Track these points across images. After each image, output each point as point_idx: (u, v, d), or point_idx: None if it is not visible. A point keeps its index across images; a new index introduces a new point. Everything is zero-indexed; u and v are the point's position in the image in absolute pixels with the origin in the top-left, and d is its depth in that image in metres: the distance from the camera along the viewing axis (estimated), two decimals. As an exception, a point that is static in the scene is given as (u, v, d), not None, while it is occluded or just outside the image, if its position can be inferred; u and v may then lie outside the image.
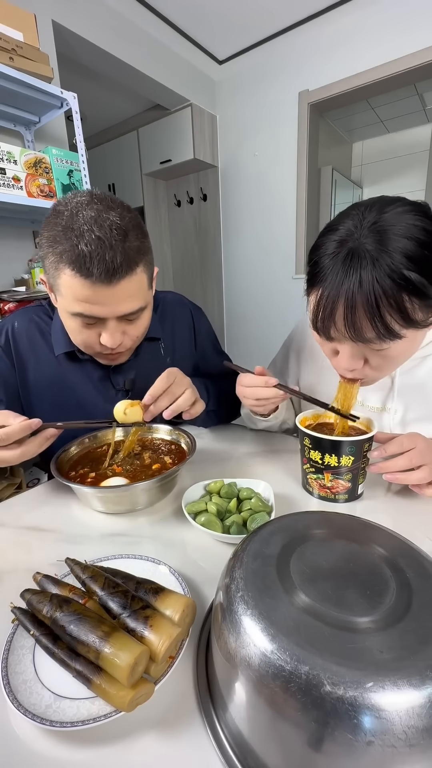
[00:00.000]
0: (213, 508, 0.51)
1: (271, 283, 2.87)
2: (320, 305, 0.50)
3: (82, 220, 0.54)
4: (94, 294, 0.56)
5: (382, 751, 0.21)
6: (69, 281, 0.56)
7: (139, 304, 0.62)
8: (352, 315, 0.47)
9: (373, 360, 0.54)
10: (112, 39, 2.02)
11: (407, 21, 1.99)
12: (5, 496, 0.71)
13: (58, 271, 0.56)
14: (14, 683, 0.30)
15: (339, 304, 0.47)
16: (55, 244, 0.55)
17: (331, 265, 0.48)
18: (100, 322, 0.61)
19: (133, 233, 0.58)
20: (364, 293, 0.45)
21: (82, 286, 0.55)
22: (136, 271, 0.59)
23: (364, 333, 0.48)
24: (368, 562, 0.31)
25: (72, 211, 0.55)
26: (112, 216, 0.56)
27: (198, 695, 0.31)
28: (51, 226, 0.56)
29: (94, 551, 0.48)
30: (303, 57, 2.35)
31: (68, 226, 0.54)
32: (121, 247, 0.55)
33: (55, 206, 0.58)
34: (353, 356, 0.53)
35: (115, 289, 0.57)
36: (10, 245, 1.72)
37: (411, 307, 0.46)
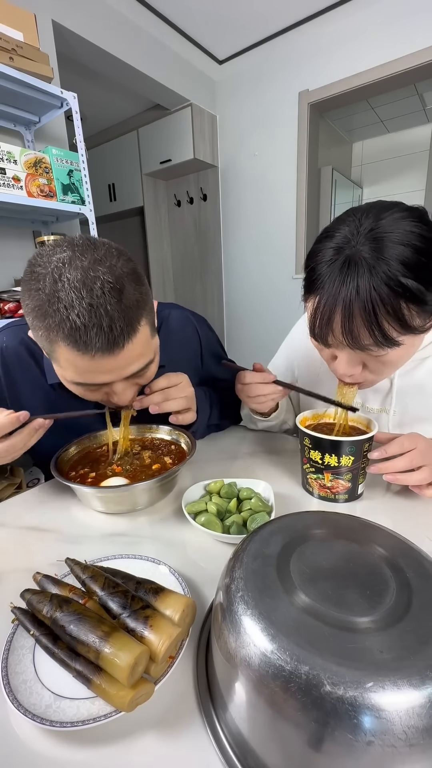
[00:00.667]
0: (213, 508, 0.51)
1: (270, 283, 2.87)
2: (317, 313, 0.50)
3: (68, 285, 0.46)
4: (97, 366, 0.50)
5: (382, 751, 0.21)
6: (66, 354, 0.49)
7: (146, 360, 0.56)
8: (350, 323, 0.47)
9: (371, 365, 0.54)
10: (112, 39, 2.02)
11: (407, 21, 2.00)
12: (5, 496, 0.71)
13: (52, 345, 0.50)
14: (14, 683, 0.30)
15: (336, 312, 0.48)
16: (42, 316, 0.48)
17: (328, 272, 0.48)
18: (106, 384, 0.55)
19: (129, 286, 0.49)
20: (361, 301, 0.45)
21: (81, 359, 0.49)
22: (138, 329, 0.51)
23: (362, 340, 0.48)
24: (368, 562, 0.31)
25: (53, 274, 0.46)
26: (101, 273, 0.47)
27: (198, 695, 0.31)
28: (32, 293, 0.48)
29: (94, 551, 0.48)
30: (303, 57, 2.35)
31: (53, 294, 0.46)
32: (118, 310, 0.47)
33: (32, 266, 0.49)
34: (351, 362, 0.54)
35: (119, 356, 0.50)
36: (10, 245, 1.72)
37: (408, 313, 0.46)
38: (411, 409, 0.68)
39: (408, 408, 0.69)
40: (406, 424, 0.69)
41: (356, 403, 0.71)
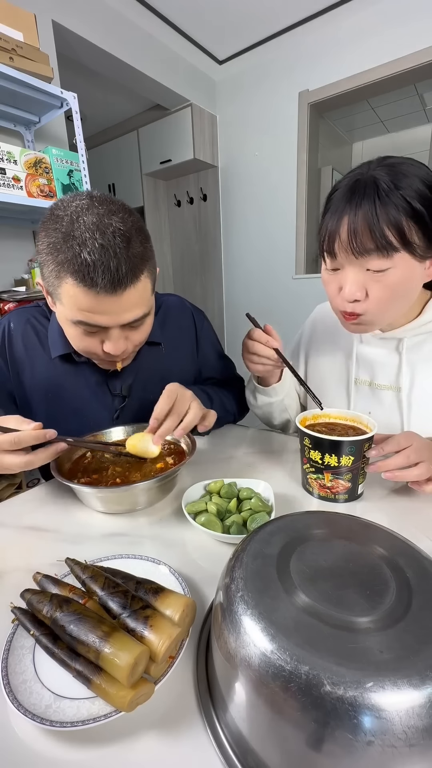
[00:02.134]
0: (213, 508, 0.51)
1: (271, 283, 2.87)
2: (328, 224, 0.57)
3: (84, 227, 0.51)
4: (98, 304, 0.54)
5: (382, 751, 0.21)
6: (71, 290, 0.54)
7: (143, 311, 0.60)
8: (355, 226, 0.53)
9: (373, 290, 0.57)
10: (112, 39, 2.02)
11: (407, 21, 1.99)
12: (5, 496, 0.71)
13: (59, 280, 0.54)
14: (14, 683, 0.30)
15: (344, 218, 0.54)
16: (56, 252, 0.52)
17: (340, 194, 0.56)
18: (103, 330, 0.59)
19: (137, 238, 0.55)
20: (365, 209, 0.52)
21: (85, 296, 0.53)
22: (140, 278, 0.56)
23: (365, 242, 0.53)
24: (368, 562, 0.31)
25: (72, 216, 0.52)
26: (114, 221, 0.53)
27: (198, 695, 0.31)
28: (50, 232, 0.53)
29: (94, 551, 0.48)
30: (303, 57, 2.35)
31: (69, 233, 0.51)
32: (125, 255, 0.53)
33: (52, 209, 0.55)
34: (356, 281, 0.57)
35: (120, 298, 0.55)
36: (10, 245, 1.72)
37: (408, 228, 0.52)
38: (419, 383, 0.68)
39: (416, 381, 0.68)
40: (415, 399, 0.68)
41: (364, 380, 0.74)
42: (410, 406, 0.68)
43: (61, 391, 0.73)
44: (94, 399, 0.75)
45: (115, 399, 0.76)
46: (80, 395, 0.74)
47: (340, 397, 0.77)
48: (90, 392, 0.75)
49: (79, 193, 0.56)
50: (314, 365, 0.83)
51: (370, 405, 0.73)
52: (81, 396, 0.74)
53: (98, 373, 0.74)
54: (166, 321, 0.84)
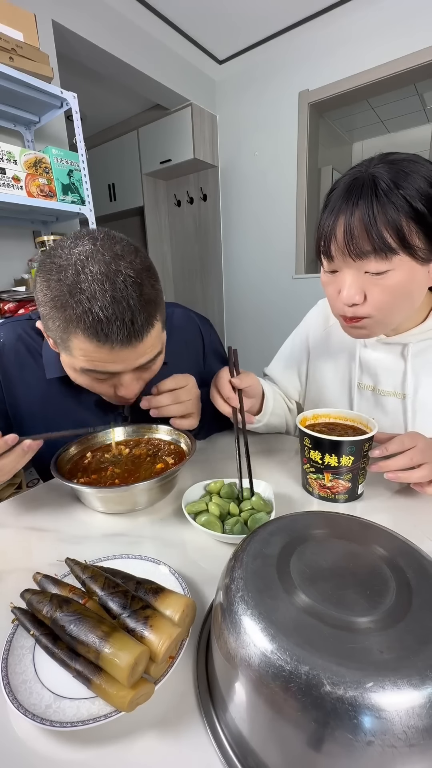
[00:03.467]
0: (214, 509, 0.51)
1: (271, 283, 2.87)
2: (324, 224, 0.55)
3: (91, 277, 0.47)
4: (110, 356, 0.51)
5: (382, 751, 0.21)
6: (82, 344, 0.50)
7: (155, 352, 0.57)
8: (351, 227, 0.51)
9: (372, 294, 0.55)
10: (112, 39, 2.02)
11: (407, 21, 2.00)
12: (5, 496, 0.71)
13: (67, 334, 0.50)
14: (14, 683, 0.30)
15: (340, 219, 0.53)
16: (62, 307, 0.48)
17: (338, 193, 0.54)
18: (115, 376, 0.56)
19: (147, 283, 0.51)
20: (362, 208, 0.50)
21: (97, 350, 0.50)
22: (155, 324, 0.53)
23: (361, 244, 0.51)
24: (368, 563, 0.31)
25: (76, 266, 0.48)
26: (123, 267, 0.48)
27: (198, 695, 0.31)
28: (52, 284, 0.49)
29: (94, 551, 0.48)
30: (303, 57, 2.35)
31: (74, 286, 0.47)
32: (138, 306, 0.49)
33: (52, 257, 0.50)
34: (354, 284, 0.55)
35: (136, 348, 0.52)
36: (10, 245, 1.72)
37: (408, 229, 0.50)
38: (426, 390, 0.67)
39: (422, 388, 0.67)
40: (420, 404, 0.67)
41: (368, 386, 0.72)
42: (415, 413, 0.67)
43: (59, 411, 0.70)
44: (96, 419, 0.72)
45: (117, 418, 0.74)
46: (80, 415, 0.71)
47: (342, 403, 0.76)
48: (90, 414, 0.72)
49: (79, 235, 0.51)
50: (316, 369, 0.82)
51: (374, 411, 0.72)
52: (81, 416, 0.72)
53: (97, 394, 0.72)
54: (172, 335, 0.79)
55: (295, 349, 0.87)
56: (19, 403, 0.71)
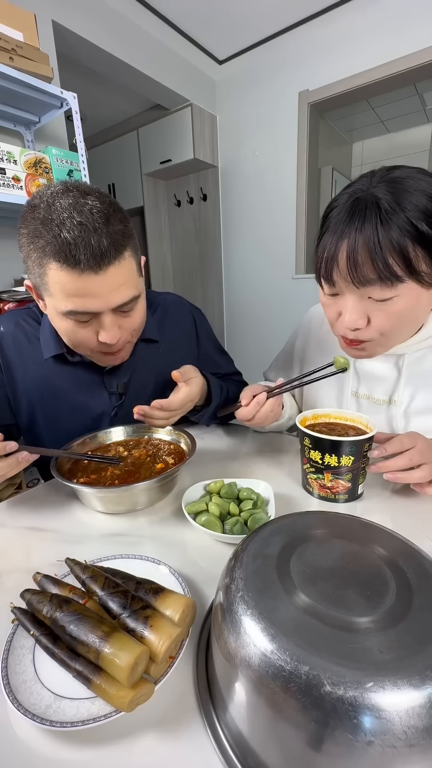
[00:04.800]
0: (214, 509, 0.51)
1: (271, 283, 2.87)
2: (325, 248, 0.52)
3: (60, 209, 0.52)
4: (84, 285, 0.54)
5: (382, 751, 0.21)
6: (56, 276, 0.53)
7: (132, 293, 0.59)
8: (354, 254, 0.48)
9: (376, 318, 0.54)
10: (112, 39, 2.02)
11: (407, 21, 1.99)
12: (5, 496, 0.71)
13: (43, 268, 0.54)
14: (14, 683, 0.30)
15: (342, 243, 0.50)
16: (36, 239, 0.53)
17: (340, 212, 0.51)
18: (95, 319, 0.58)
19: (115, 217, 0.55)
20: (366, 233, 0.47)
21: (70, 278, 0.53)
22: (125, 255, 0.56)
23: (366, 272, 0.49)
24: (368, 563, 0.31)
25: (47, 201, 0.53)
26: (90, 201, 0.53)
27: (198, 695, 0.31)
28: (28, 222, 0.54)
29: (94, 551, 0.48)
30: (303, 57, 2.35)
31: (46, 218, 0.52)
32: (105, 230, 0.52)
33: (29, 202, 0.56)
34: (356, 309, 0.53)
35: (105, 276, 0.54)
36: (10, 245, 1.72)
37: (414, 255, 0.47)
38: (419, 398, 0.67)
39: (416, 396, 0.67)
40: (414, 413, 0.67)
41: (362, 394, 0.72)
42: (408, 422, 0.67)
43: (57, 392, 0.73)
44: (91, 398, 0.75)
45: (112, 397, 0.76)
46: (76, 395, 0.74)
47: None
48: (86, 391, 0.74)
49: (54, 183, 0.56)
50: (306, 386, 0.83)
51: None
52: (77, 396, 0.74)
53: (93, 371, 0.74)
54: (165, 319, 0.83)
55: (288, 357, 0.88)
56: (19, 389, 0.73)
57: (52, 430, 0.75)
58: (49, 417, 0.74)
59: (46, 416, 0.74)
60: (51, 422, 0.74)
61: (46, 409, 0.73)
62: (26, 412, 0.74)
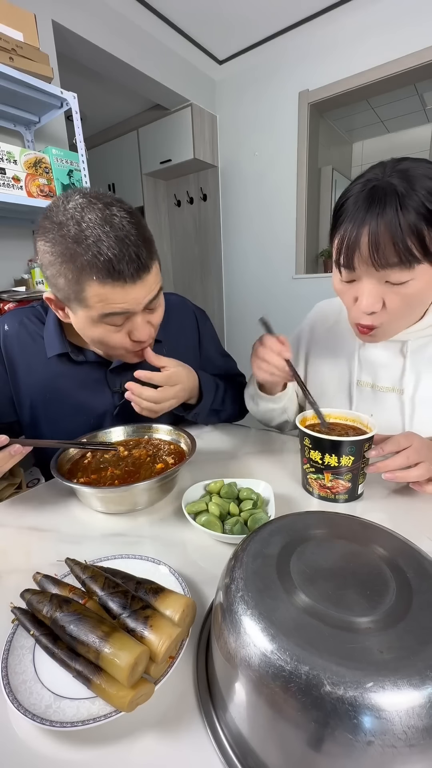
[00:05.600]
0: (214, 509, 0.51)
1: (271, 283, 2.87)
2: (346, 235, 0.53)
3: (92, 224, 0.51)
4: (125, 294, 0.55)
5: (382, 751, 0.21)
6: (98, 291, 0.54)
7: (158, 288, 0.62)
8: (376, 238, 0.50)
9: (390, 301, 0.56)
10: (112, 39, 2.02)
11: (407, 21, 1.99)
12: (5, 496, 0.71)
13: (81, 285, 0.53)
14: (14, 683, 0.30)
15: (364, 230, 0.51)
16: (72, 258, 0.52)
17: (355, 201, 0.52)
18: (127, 321, 0.60)
19: (140, 224, 0.57)
20: (387, 218, 0.49)
21: (113, 291, 0.54)
22: (155, 259, 0.59)
23: (387, 256, 0.51)
24: (368, 563, 0.31)
25: (75, 218, 0.52)
26: (116, 211, 0.54)
27: (198, 695, 0.31)
28: (57, 240, 0.52)
29: (94, 551, 0.48)
30: (303, 57, 2.35)
31: (79, 236, 0.51)
32: (140, 241, 0.54)
33: (49, 218, 0.54)
34: (373, 294, 0.55)
35: (144, 283, 0.57)
36: (9, 245, 1.72)
37: (429, 237, 0.49)
38: (423, 385, 0.67)
39: (420, 383, 0.68)
40: (419, 401, 0.68)
41: (366, 383, 0.73)
42: (414, 409, 0.68)
43: (60, 390, 0.73)
44: (94, 396, 0.75)
45: (115, 395, 0.76)
46: (79, 393, 0.74)
47: (341, 399, 0.77)
48: (89, 390, 0.75)
49: (68, 194, 0.55)
50: (315, 367, 0.83)
51: (372, 407, 0.72)
52: (80, 394, 0.74)
53: (97, 370, 0.74)
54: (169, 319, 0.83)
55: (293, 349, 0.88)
56: (22, 387, 0.73)
57: (54, 428, 0.75)
58: (52, 415, 0.74)
59: (49, 414, 0.74)
60: (53, 420, 0.74)
61: (49, 407, 0.74)
62: (29, 409, 0.74)
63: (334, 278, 0.61)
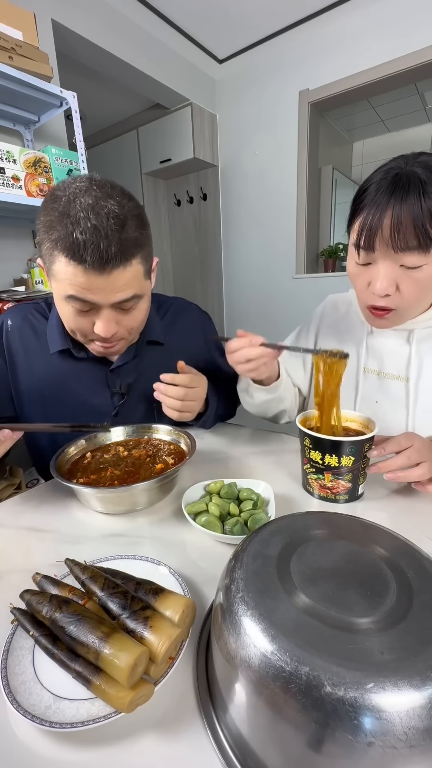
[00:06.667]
0: (214, 509, 0.51)
1: (271, 283, 2.86)
2: (369, 218, 0.55)
3: (79, 207, 0.53)
4: (87, 281, 0.56)
5: (383, 752, 0.21)
6: (63, 268, 0.55)
7: (133, 292, 0.60)
8: (399, 221, 0.52)
9: (404, 286, 0.57)
10: (112, 38, 2.02)
11: (407, 20, 1.99)
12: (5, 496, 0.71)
13: (52, 258, 0.56)
14: (14, 684, 0.30)
15: (387, 213, 0.53)
16: (51, 230, 0.54)
17: (380, 187, 0.55)
18: (94, 310, 0.60)
19: (132, 223, 0.56)
20: (410, 203, 0.51)
21: (75, 272, 0.55)
22: (131, 262, 0.58)
23: (408, 238, 0.53)
24: (369, 563, 0.30)
25: (69, 196, 0.54)
26: (110, 204, 0.54)
27: (198, 696, 0.31)
28: (48, 211, 0.55)
29: (94, 551, 0.48)
30: (303, 56, 2.35)
31: (65, 212, 0.53)
32: (117, 238, 0.54)
33: (53, 190, 0.57)
34: (388, 277, 0.57)
35: (108, 278, 0.56)
36: (9, 245, 1.72)
37: None
38: (426, 374, 0.68)
39: (424, 373, 0.68)
40: (423, 389, 0.69)
41: (373, 369, 0.74)
42: (417, 396, 0.69)
43: (60, 389, 0.73)
44: (93, 395, 0.75)
45: (114, 396, 0.76)
46: (79, 392, 0.74)
47: (348, 385, 0.76)
48: (89, 389, 0.75)
49: (80, 176, 0.58)
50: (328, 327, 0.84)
51: (377, 394, 0.73)
52: (79, 393, 0.74)
53: (98, 370, 0.74)
54: (175, 322, 0.84)
55: (301, 337, 0.88)
56: (23, 383, 0.74)
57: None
58: (50, 413, 0.74)
59: (47, 412, 0.74)
60: (52, 417, 0.74)
61: (48, 404, 0.74)
62: (28, 406, 0.74)
63: (350, 261, 0.63)
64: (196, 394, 0.69)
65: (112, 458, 0.65)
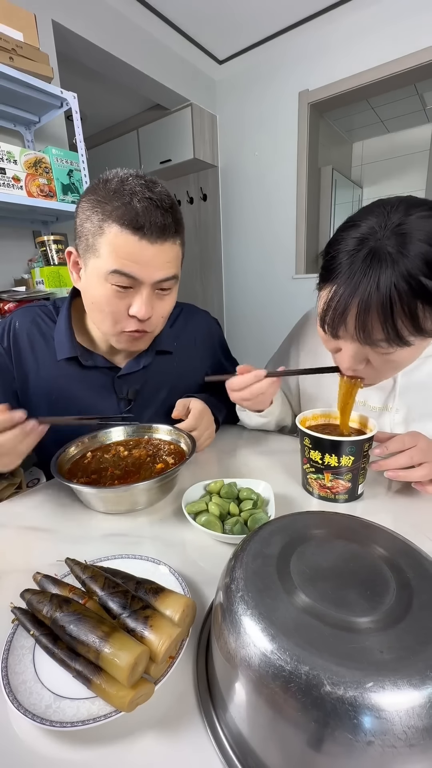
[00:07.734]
0: (214, 509, 0.51)
1: (271, 283, 2.87)
2: (333, 302, 0.48)
3: (134, 183, 0.56)
4: (139, 250, 0.57)
5: (383, 751, 0.21)
6: (114, 238, 0.56)
7: (174, 271, 0.62)
8: (365, 317, 0.46)
9: (375, 362, 0.53)
10: (112, 39, 2.02)
11: (407, 21, 2.00)
12: (5, 496, 0.71)
13: (101, 231, 0.56)
14: (14, 683, 0.30)
15: (353, 304, 0.46)
16: (104, 204, 0.56)
17: (349, 263, 0.47)
18: (134, 290, 0.60)
19: (177, 208, 0.60)
20: (380, 296, 0.44)
21: (127, 241, 0.56)
22: (177, 241, 0.61)
23: (374, 335, 0.47)
24: (368, 563, 0.31)
25: (121, 178, 0.57)
26: (159, 186, 0.58)
27: (198, 695, 0.31)
28: (98, 192, 0.57)
29: (94, 551, 0.48)
30: (303, 57, 2.35)
31: (119, 190, 0.56)
32: (170, 211, 0.58)
33: (100, 177, 0.60)
34: (356, 357, 0.53)
35: (159, 249, 0.58)
36: (9, 245, 1.72)
37: (423, 315, 0.45)
38: (414, 407, 0.68)
39: (411, 406, 0.68)
40: (409, 422, 0.69)
41: (358, 402, 0.71)
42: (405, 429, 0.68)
43: (66, 394, 0.73)
44: (100, 401, 0.74)
45: (120, 402, 0.75)
46: (85, 398, 0.73)
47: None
48: (95, 395, 0.74)
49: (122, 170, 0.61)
50: (305, 384, 0.83)
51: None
52: (86, 399, 0.73)
53: (105, 376, 0.74)
54: (184, 329, 0.84)
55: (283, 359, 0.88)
56: (29, 386, 0.73)
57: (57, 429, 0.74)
58: (57, 415, 0.73)
59: (54, 414, 0.73)
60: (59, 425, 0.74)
61: (54, 409, 0.73)
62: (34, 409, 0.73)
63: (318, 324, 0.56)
64: (205, 426, 0.71)
65: (113, 458, 0.65)
